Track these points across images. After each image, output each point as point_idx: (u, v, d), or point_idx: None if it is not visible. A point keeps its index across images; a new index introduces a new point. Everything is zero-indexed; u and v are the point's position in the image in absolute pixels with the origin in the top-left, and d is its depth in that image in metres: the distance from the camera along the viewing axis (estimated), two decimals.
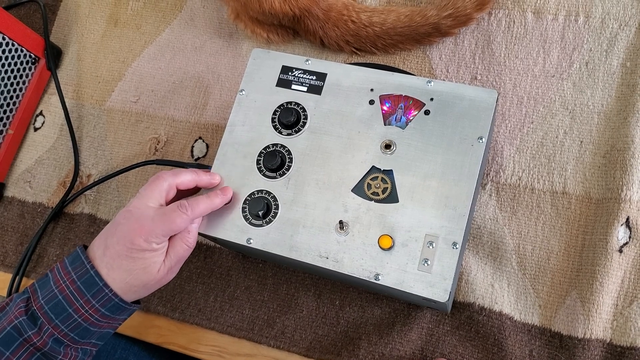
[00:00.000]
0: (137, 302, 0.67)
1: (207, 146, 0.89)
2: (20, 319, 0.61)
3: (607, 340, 0.69)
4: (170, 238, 0.65)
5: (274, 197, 0.70)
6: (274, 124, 0.73)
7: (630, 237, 0.70)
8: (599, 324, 0.69)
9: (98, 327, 0.64)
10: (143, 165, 0.87)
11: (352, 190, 0.68)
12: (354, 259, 0.65)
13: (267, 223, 0.69)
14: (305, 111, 0.73)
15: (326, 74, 0.74)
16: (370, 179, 0.68)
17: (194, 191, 0.71)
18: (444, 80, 0.82)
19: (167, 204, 0.67)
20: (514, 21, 0.82)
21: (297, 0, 0.79)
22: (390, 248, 0.64)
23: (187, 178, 0.68)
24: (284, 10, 0.80)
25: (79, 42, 1.01)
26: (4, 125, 0.94)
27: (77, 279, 0.62)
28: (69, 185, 0.92)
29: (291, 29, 0.87)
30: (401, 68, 0.84)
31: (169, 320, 0.82)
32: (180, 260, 0.66)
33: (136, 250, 0.62)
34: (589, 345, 0.68)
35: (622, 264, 0.70)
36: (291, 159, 0.71)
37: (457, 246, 0.63)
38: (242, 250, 0.79)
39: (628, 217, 0.70)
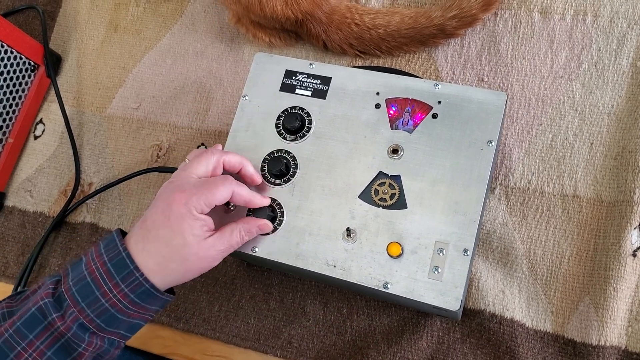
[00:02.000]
0: (171, 292, 0.63)
1: None
2: (46, 299, 0.58)
3: (622, 347, 0.67)
4: (225, 224, 0.63)
5: (279, 204, 0.68)
6: (278, 130, 0.72)
7: None
8: (613, 331, 0.67)
9: (126, 316, 0.60)
10: (145, 172, 0.86)
11: (359, 197, 0.67)
12: (362, 267, 0.64)
13: (272, 231, 0.67)
14: (310, 116, 0.71)
15: (331, 78, 0.72)
16: (378, 185, 0.67)
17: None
18: (450, 82, 0.81)
19: None
20: (520, 21, 0.81)
21: (299, 3, 0.78)
22: (399, 256, 0.63)
23: (235, 159, 0.66)
24: (286, 14, 0.79)
25: (78, 49, 1.00)
26: (4, 133, 0.93)
27: (108, 261, 0.59)
28: (70, 194, 0.90)
29: (293, 32, 0.86)
30: (406, 70, 0.82)
31: (174, 331, 0.81)
32: (230, 248, 0.63)
33: (175, 218, 0.59)
34: (604, 352, 0.67)
35: (636, 268, 0.68)
36: (296, 165, 0.70)
37: (468, 253, 0.62)
38: (246, 259, 0.77)
39: None
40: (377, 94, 0.70)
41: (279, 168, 0.68)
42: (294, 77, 0.74)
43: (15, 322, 0.58)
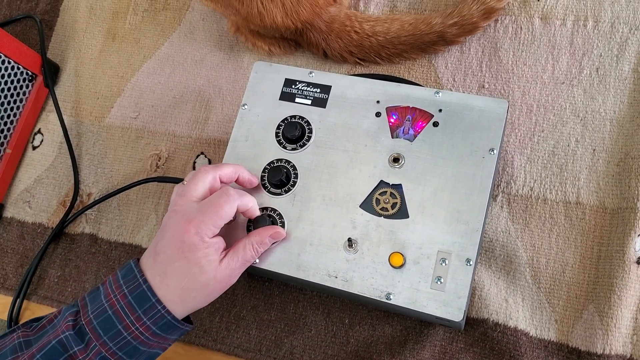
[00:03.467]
0: (189, 321, 0.63)
1: (210, 162, 0.87)
2: (67, 333, 0.58)
3: (627, 356, 0.66)
4: (238, 241, 0.63)
5: (279, 214, 0.68)
6: (278, 139, 0.71)
7: None
8: (618, 339, 0.67)
9: (147, 347, 0.60)
10: (144, 182, 0.86)
11: (360, 206, 0.66)
12: (364, 277, 0.63)
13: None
14: (310, 125, 0.71)
15: (331, 86, 0.72)
16: (379, 194, 0.66)
17: None
18: (451, 90, 0.81)
19: None
20: (521, 27, 0.80)
21: (299, 13, 0.78)
22: (401, 266, 0.63)
23: (229, 170, 0.66)
24: (286, 24, 0.79)
25: (76, 58, 1.00)
26: (2, 144, 0.92)
27: (129, 294, 0.59)
28: (69, 204, 0.90)
29: (293, 41, 0.86)
30: (406, 78, 0.82)
31: (175, 342, 0.80)
32: (246, 264, 0.63)
33: (188, 249, 0.59)
34: None
35: None
36: (296, 174, 0.69)
37: (471, 262, 0.61)
38: (247, 269, 0.77)
39: None
40: (378, 102, 0.70)
41: (279, 178, 0.68)
42: (293, 86, 0.73)
43: (34, 354, 0.58)
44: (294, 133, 0.70)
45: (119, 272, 0.61)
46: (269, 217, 0.67)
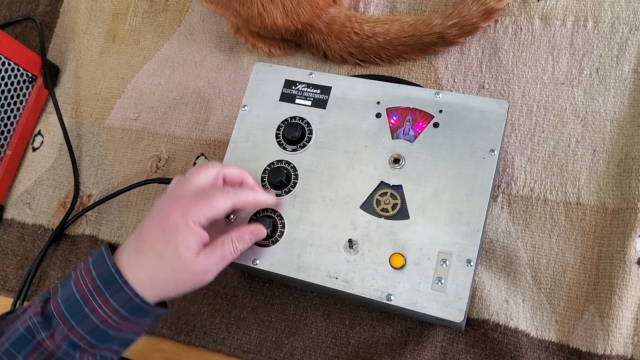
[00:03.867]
0: (163, 306, 0.62)
1: None
2: (35, 319, 0.57)
3: (628, 357, 0.66)
4: (218, 237, 0.61)
5: (279, 215, 0.68)
6: (278, 140, 0.71)
7: None
8: (619, 340, 0.66)
9: (117, 331, 0.58)
10: (144, 184, 0.86)
11: (360, 207, 0.66)
12: (365, 278, 0.63)
13: (273, 243, 0.67)
14: (310, 126, 0.71)
15: (331, 87, 0.72)
16: (379, 195, 0.66)
17: None
18: (451, 91, 0.81)
19: None
20: (521, 28, 0.80)
21: (299, 14, 0.78)
22: (402, 267, 0.62)
23: (235, 171, 0.66)
24: (286, 25, 0.79)
25: (76, 60, 1.00)
26: (2, 146, 0.92)
27: (97, 277, 0.58)
28: (69, 206, 0.90)
29: (293, 42, 0.86)
30: (406, 78, 0.82)
31: (175, 343, 0.80)
32: (224, 260, 0.61)
33: (170, 229, 0.58)
34: None
35: None
36: (297, 175, 0.69)
37: (472, 263, 0.61)
38: (248, 271, 0.77)
39: None
40: (378, 103, 0.70)
41: (280, 179, 0.68)
42: (293, 87, 0.73)
43: (3, 343, 0.57)
44: (294, 134, 0.70)
45: (90, 258, 0.60)
46: (269, 219, 0.67)
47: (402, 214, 0.65)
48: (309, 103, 0.72)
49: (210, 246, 0.61)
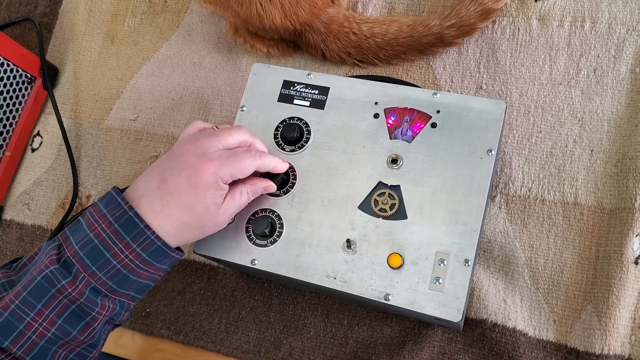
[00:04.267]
0: (179, 250, 0.63)
1: None
2: (52, 267, 0.56)
3: (625, 356, 0.66)
4: (234, 187, 0.63)
5: (278, 216, 0.68)
6: (276, 140, 0.71)
7: None
8: (616, 339, 0.67)
9: (137, 276, 0.59)
10: None
11: (358, 207, 0.66)
12: (363, 278, 0.63)
13: (272, 243, 0.67)
14: (309, 126, 0.71)
15: (329, 88, 0.72)
16: (377, 195, 0.66)
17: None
18: (449, 91, 0.81)
19: None
20: (518, 29, 0.81)
21: (297, 14, 0.78)
22: (400, 267, 0.63)
23: (262, 147, 0.67)
24: (284, 25, 0.79)
25: (75, 60, 1.00)
26: (1, 146, 0.93)
27: (115, 221, 0.57)
28: (68, 206, 0.90)
29: (291, 42, 0.86)
30: (404, 79, 0.82)
31: (174, 344, 0.80)
32: (239, 209, 0.64)
33: (202, 186, 0.59)
34: None
35: (639, 276, 0.67)
36: (295, 175, 0.69)
37: (469, 263, 0.61)
38: (246, 271, 0.77)
39: None
40: (376, 103, 0.70)
41: (278, 179, 0.68)
42: (292, 88, 0.73)
43: (20, 292, 0.56)
44: (292, 135, 0.70)
45: (99, 203, 0.59)
46: (267, 219, 0.67)
47: (400, 214, 0.65)
48: (307, 104, 0.72)
49: (229, 196, 0.63)
